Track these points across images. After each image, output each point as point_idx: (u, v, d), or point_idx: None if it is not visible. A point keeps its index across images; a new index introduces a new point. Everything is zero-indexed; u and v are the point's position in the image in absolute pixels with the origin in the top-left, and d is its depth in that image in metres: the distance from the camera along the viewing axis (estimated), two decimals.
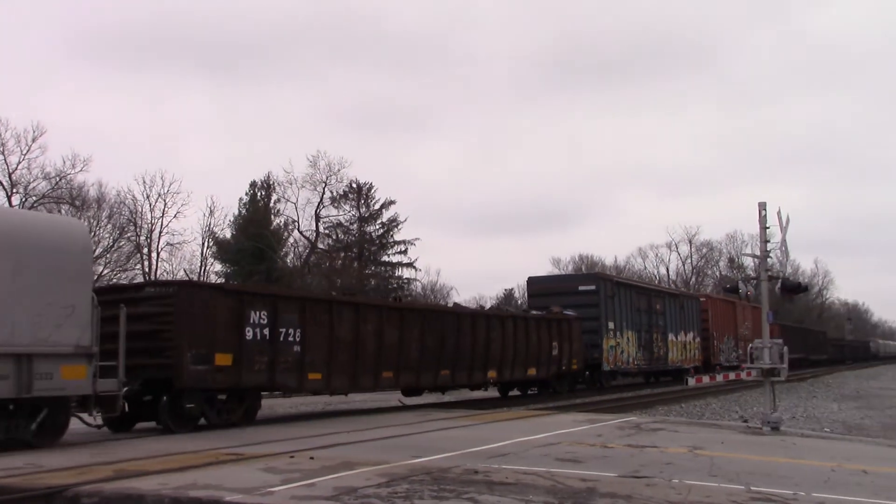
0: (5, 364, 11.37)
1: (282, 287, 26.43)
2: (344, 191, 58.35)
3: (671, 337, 37.02)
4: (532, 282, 35.63)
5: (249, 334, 15.98)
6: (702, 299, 42.61)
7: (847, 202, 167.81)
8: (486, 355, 23.66)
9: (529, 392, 28.67)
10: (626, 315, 33.21)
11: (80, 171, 47.06)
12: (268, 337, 16.36)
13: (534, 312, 28.45)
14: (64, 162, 46.42)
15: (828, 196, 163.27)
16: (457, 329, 22.48)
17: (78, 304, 12.24)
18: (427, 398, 22.28)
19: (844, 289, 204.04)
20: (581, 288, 31.80)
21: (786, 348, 16.77)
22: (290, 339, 16.99)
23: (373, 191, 59.99)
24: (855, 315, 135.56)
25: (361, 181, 59.33)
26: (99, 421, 13.27)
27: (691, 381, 22.46)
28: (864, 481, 9.71)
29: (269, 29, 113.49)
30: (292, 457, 10.74)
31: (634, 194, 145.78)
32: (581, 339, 29.31)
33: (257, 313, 16.24)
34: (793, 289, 18.50)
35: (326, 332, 17.90)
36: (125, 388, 13.30)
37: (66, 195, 46.72)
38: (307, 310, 17.57)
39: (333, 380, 18.27)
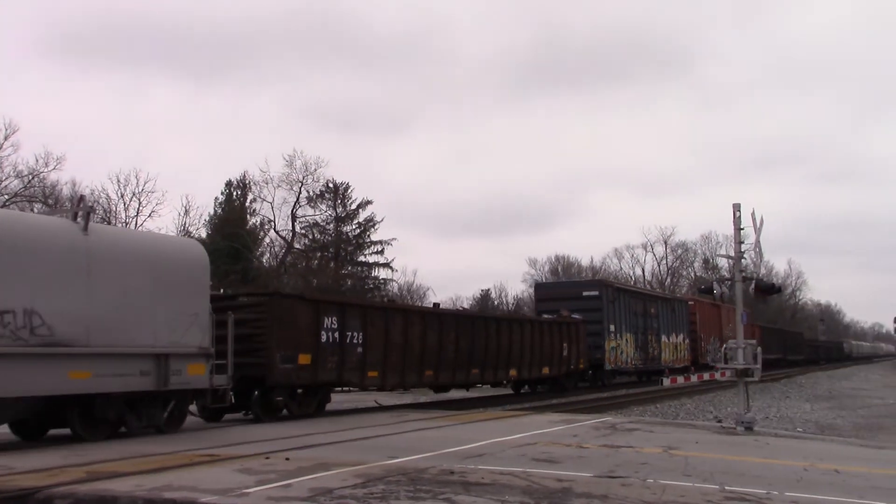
0: (149, 362, 13.63)
1: (348, 296, 30.18)
2: (320, 190, 58.20)
3: (664, 338, 39.28)
4: (539, 287, 40.16)
5: (324, 338, 18.42)
6: (690, 303, 44.30)
7: (820, 204, 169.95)
8: (509, 356, 26.17)
9: (539, 389, 30.69)
10: (625, 318, 35.31)
11: (54, 169, 46.65)
12: (337, 340, 18.85)
13: (545, 316, 30.55)
14: (37, 160, 46.00)
15: (801, 198, 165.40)
16: (485, 332, 25.07)
17: (200, 312, 14.59)
18: (404, 398, 22.49)
19: (817, 290, 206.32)
20: (585, 293, 34.20)
21: (759, 349, 16.92)
22: (355, 341, 19.47)
23: (349, 191, 59.87)
24: (827, 316, 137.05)
25: (338, 181, 59.21)
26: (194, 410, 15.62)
27: (666, 382, 22.58)
28: (837, 480, 9.82)
29: (244, 28, 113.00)
30: (268, 458, 10.68)
31: (609, 195, 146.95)
32: (586, 341, 31.51)
33: (330, 319, 18.69)
34: (767, 290, 18.67)
35: (382, 336, 20.37)
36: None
37: (39, 194, 46.26)
38: (367, 316, 20.13)
39: (387, 377, 20.76)
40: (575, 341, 30.67)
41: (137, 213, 49.96)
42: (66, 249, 12.52)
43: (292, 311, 17.83)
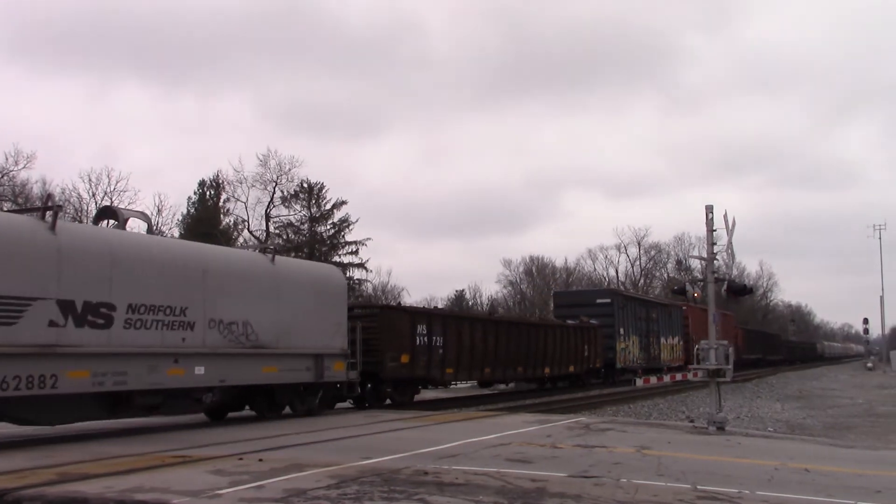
0: (311, 361, 18.14)
1: (433, 307, 35.72)
2: (295, 190, 57.94)
3: (663, 340, 43.24)
4: (557, 295, 46.01)
5: (417, 341, 23.01)
6: (683, 308, 47.40)
7: (788, 206, 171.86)
8: (544, 355, 30.64)
9: (560, 385, 33.94)
10: (632, 323, 39.32)
11: (24, 167, 46.09)
12: (426, 343, 23.42)
13: (570, 322, 34.31)
14: (6, 158, 45.42)
15: (769, 200, 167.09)
16: (526, 336, 29.46)
17: (341, 322, 19.19)
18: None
19: (788, 291, 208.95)
20: (598, 301, 38.34)
21: (731, 349, 17.08)
22: (438, 344, 23.96)
23: (324, 191, 59.63)
24: (798, 317, 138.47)
25: (312, 181, 58.98)
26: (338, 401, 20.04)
27: (639, 382, 22.72)
28: (807, 479, 9.91)
29: (214, 29, 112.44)
30: (241, 458, 10.62)
31: (582, 196, 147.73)
32: (601, 343, 35.70)
33: (421, 326, 23.30)
34: (739, 290, 18.84)
35: (456, 339, 24.96)
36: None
37: (9, 192, 45.68)
38: (446, 323, 24.80)
39: (460, 373, 25.56)
40: (593, 343, 34.89)
41: None
42: (265, 278, 17.12)
43: (396, 320, 22.58)
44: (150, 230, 16.68)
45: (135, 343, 13.92)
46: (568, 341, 32.63)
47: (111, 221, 15.42)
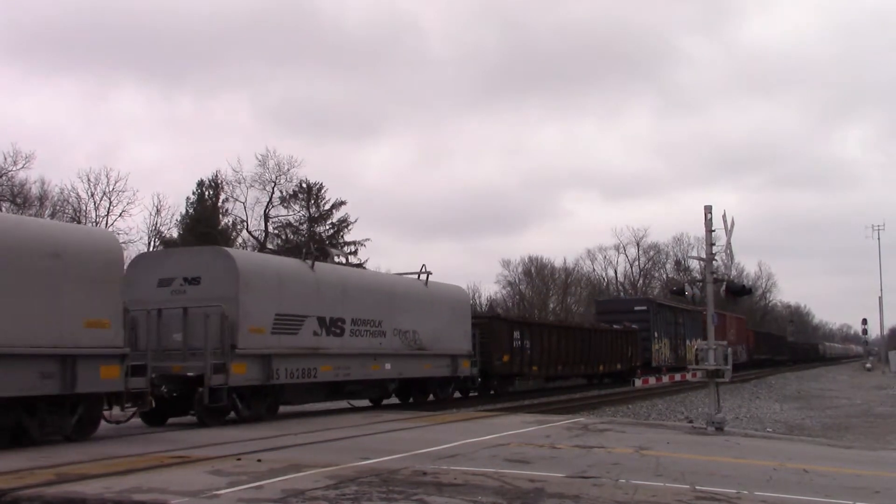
0: (449, 359, 23.56)
1: (524, 316, 45.58)
2: (294, 191, 57.99)
3: (688, 342, 47.02)
4: (599, 303, 52.89)
5: (514, 344, 29.34)
6: (704, 313, 48.24)
7: (786, 207, 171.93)
8: (599, 355, 36.56)
9: (605, 381, 38.66)
10: (664, 327, 44.55)
11: (22, 167, 46.06)
12: (519, 345, 29.66)
13: (616, 327, 39.72)
14: (5, 158, 45.39)
15: (767, 201, 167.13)
16: (587, 339, 35.95)
17: (468, 330, 24.80)
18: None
19: (787, 291, 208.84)
20: (636, 308, 43.87)
21: (730, 350, 17.10)
22: (527, 346, 30.24)
23: (323, 191, 59.65)
24: (797, 317, 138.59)
25: (311, 181, 58.99)
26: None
27: (638, 382, 22.72)
28: (805, 480, 9.92)
29: (211, 29, 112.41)
30: (239, 459, 10.62)
31: (580, 197, 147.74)
32: (640, 345, 40.96)
33: (516, 332, 29.75)
34: (737, 291, 18.83)
35: (539, 342, 31.21)
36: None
37: (7, 192, 45.67)
38: (532, 329, 31.46)
39: (541, 370, 31.78)
40: (634, 345, 40.31)
41: (108, 212, 49.47)
42: (424, 297, 22.77)
43: (500, 328, 28.89)
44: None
45: (355, 347, 19.65)
46: (615, 343, 38.44)
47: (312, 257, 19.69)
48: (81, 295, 12.79)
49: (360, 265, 59.71)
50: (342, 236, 60.18)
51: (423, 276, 23.25)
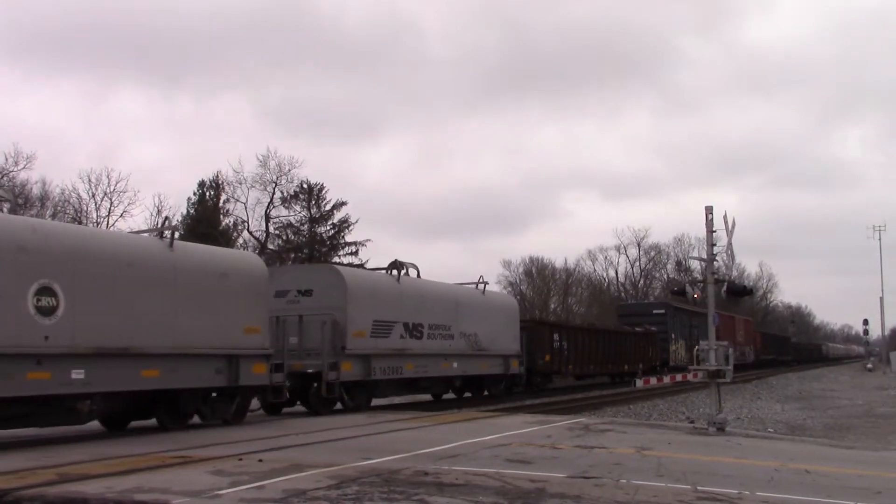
0: (502, 359, 26.88)
1: (561, 320, 49.62)
2: (294, 191, 57.89)
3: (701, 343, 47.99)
4: (620, 307, 58.21)
5: (554, 345, 33.14)
6: (716, 314, 52.72)
7: (786, 207, 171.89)
8: (624, 355, 40.25)
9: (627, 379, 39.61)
10: (680, 329, 47.52)
11: (24, 168, 46.08)
12: (557, 346, 33.43)
13: (638, 329, 43.32)
14: (6, 159, 45.40)
15: (767, 201, 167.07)
16: (614, 341, 39.77)
17: (517, 333, 28.08)
18: (379, 401, 23.06)
19: (788, 292, 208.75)
20: (655, 311, 47.41)
21: (731, 350, 17.09)
22: (564, 347, 34.06)
23: (324, 192, 59.57)
24: (798, 317, 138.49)
25: (312, 182, 58.94)
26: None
27: (639, 383, 22.72)
28: (807, 480, 9.92)
29: (211, 29, 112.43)
30: (241, 459, 10.62)
31: (581, 197, 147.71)
32: (658, 346, 44.25)
33: (555, 335, 33.58)
34: (738, 291, 18.82)
35: (574, 343, 35.23)
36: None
37: (8, 193, 45.63)
38: (568, 331, 35.54)
39: (576, 369, 35.56)
40: (653, 346, 43.88)
41: (109, 212, 49.48)
42: (483, 304, 26.21)
43: (542, 331, 32.85)
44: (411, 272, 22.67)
45: (430, 348, 22.89)
46: (637, 345, 42.09)
47: (397, 271, 22.22)
48: (242, 307, 15.96)
49: (360, 265, 59.77)
50: (343, 237, 60.14)
51: (481, 286, 26.66)
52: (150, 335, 14.01)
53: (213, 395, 15.81)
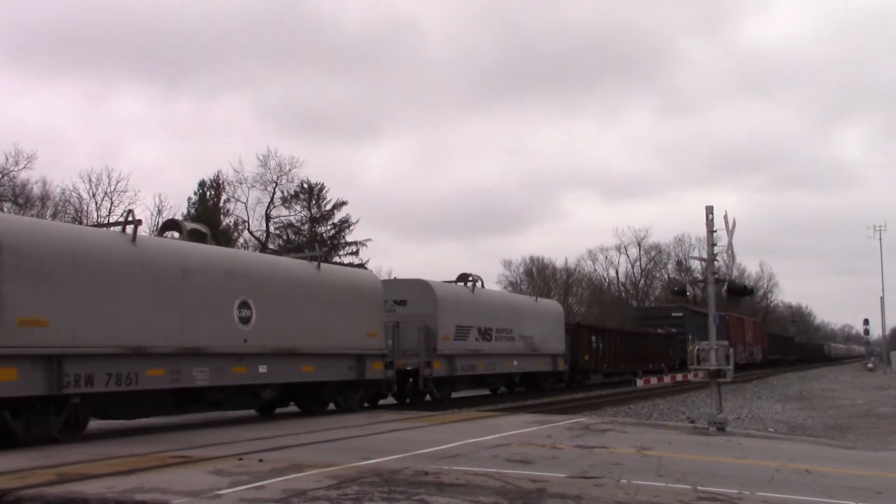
0: (550, 358, 30.85)
1: (596, 322, 50.59)
2: (295, 191, 57.96)
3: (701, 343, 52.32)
4: (642, 309, 64.85)
5: (592, 346, 36.83)
6: (726, 316, 57.39)
7: (785, 207, 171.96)
8: (647, 355, 44.02)
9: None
10: (696, 330, 48.96)
11: (24, 168, 46.07)
12: (595, 347, 37.19)
13: (659, 331, 47.71)
14: (7, 158, 45.40)
15: (766, 202, 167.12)
16: (641, 342, 43.98)
17: (562, 335, 32.09)
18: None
19: (788, 291, 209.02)
20: (673, 314, 51.11)
21: (732, 350, 17.08)
22: (600, 347, 37.89)
23: (324, 191, 59.60)
24: (798, 317, 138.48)
25: (313, 181, 58.94)
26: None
27: (639, 383, 22.71)
28: (807, 480, 9.91)
29: (210, 31, 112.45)
30: (241, 459, 10.62)
31: (580, 197, 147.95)
32: (677, 346, 47.25)
33: (593, 337, 37.46)
34: (739, 291, 18.80)
35: (607, 344, 39.03)
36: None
37: (9, 192, 45.70)
38: (603, 334, 39.12)
39: (609, 367, 38.98)
40: (673, 346, 47.71)
41: (109, 212, 49.41)
42: (536, 311, 30.61)
43: (582, 333, 36.55)
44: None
45: (498, 349, 26.86)
46: (660, 345, 46.19)
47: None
48: (366, 315, 19.26)
49: (361, 265, 59.79)
50: (343, 237, 60.18)
51: (534, 296, 31.83)
52: (308, 338, 17.35)
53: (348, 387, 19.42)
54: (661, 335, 47.03)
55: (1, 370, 11.58)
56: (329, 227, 60.17)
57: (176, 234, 17.03)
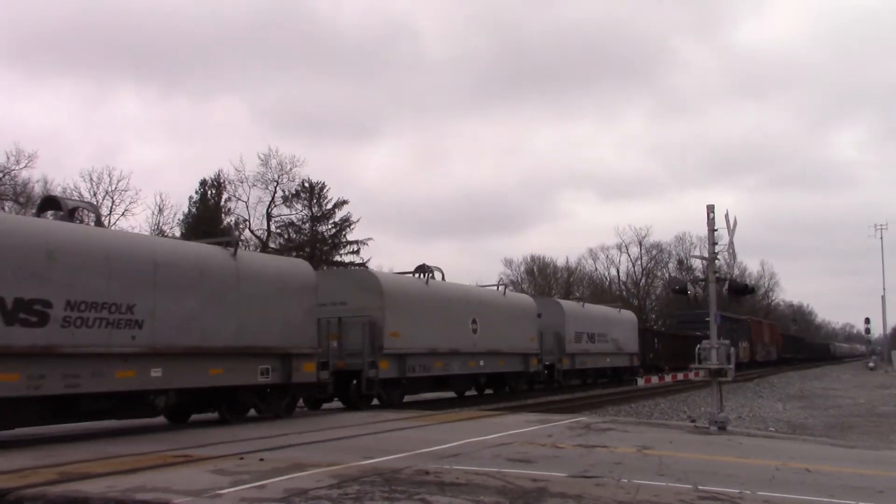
0: (629, 356, 39.87)
1: (650, 327, 61.36)
2: (296, 190, 57.96)
3: (740, 344, 60.81)
4: (679, 315, 69.17)
5: (655, 346, 45.65)
6: (748, 320, 68.72)
7: (791, 207, 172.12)
8: (691, 353, 42.85)
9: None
10: (728, 333, 56.47)
11: (25, 167, 46.11)
12: (657, 347, 46.32)
13: (697, 334, 50.84)
14: (8, 158, 45.44)
15: (761, 202, 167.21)
16: (685, 343, 47.04)
17: (636, 337, 42.03)
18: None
19: (789, 291, 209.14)
20: (706, 319, 51.25)
21: (732, 349, 17.07)
22: (658, 348, 46.36)
23: (325, 190, 59.59)
24: (799, 316, 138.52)
25: (314, 180, 58.94)
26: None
27: (640, 382, 22.69)
28: (808, 480, 9.91)
29: (209, 31, 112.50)
30: (242, 458, 10.62)
31: (579, 198, 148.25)
32: None
33: (655, 338, 48.20)
34: (740, 290, 18.81)
35: (665, 346, 47.95)
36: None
37: (10, 191, 45.73)
38: (660, 337, 47.96)
39: (665, 365, 43.45)
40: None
41: (111, 211, 49.54)
42: (619, 319, 39.47)
43: (648, 336, 44.78)
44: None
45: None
46: (692, 347, 50.37)
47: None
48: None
49: (362, 265, 59.77)
50: (344, 236, 60.16)
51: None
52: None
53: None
54: (699, 337, 50.11)
55: None
56: (330, 226, 60.17)
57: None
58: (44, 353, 12.23)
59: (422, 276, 24.02)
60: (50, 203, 16.02)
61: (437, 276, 24.70)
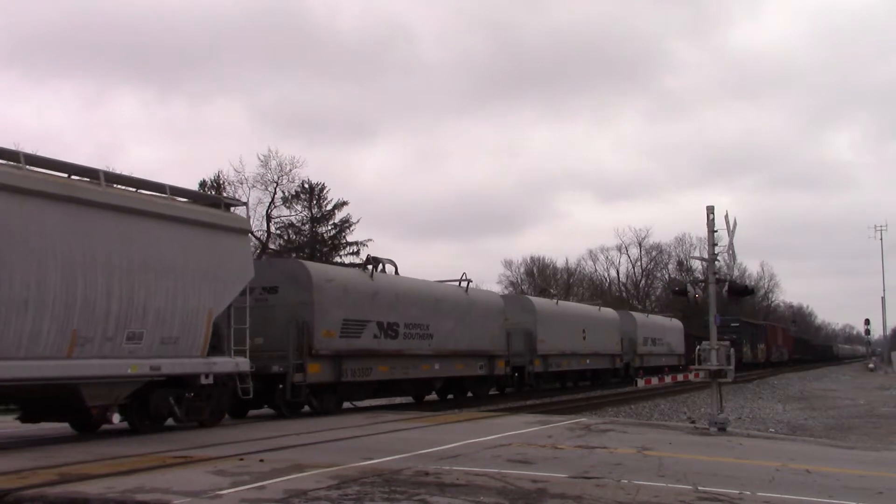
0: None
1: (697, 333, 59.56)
2: (296, 191, 57.81)
3: (759, 346, 68.38)
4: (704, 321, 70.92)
5: (694, 348, 41.09)
6: (765, 325, 76.45)
7: (791, 208, 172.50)
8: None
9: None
10: (749, 337, 63.61)
11: None
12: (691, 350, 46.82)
13: (725, 338, 56.82)
14: None
15: (770, 202, 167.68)
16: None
17: (682, 340, 49.64)
18: (379, 401, 23.33)
19: (789, 291, 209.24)
20: (732, 324, 58.86)
21: (732, 350, 17.08)
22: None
23: (325, 191, 59.52)
24: (799, 317, 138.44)
25: (313, 181, 58.88)
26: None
27: (640, 383, 22.71)
28: (808, 481, 9.91)
29: (206, 33, 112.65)
30: (241, 459, 10.61)
31: (576, 199, 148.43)
32: (737, 349, 57.65)
33: (696, 342, 45.00)
34: (740, 291, 18.80)
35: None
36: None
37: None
38: (700, 341, 45.01)
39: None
40: (738, 349, 57.54)
41: None
42: (669, 326, 48.40)
43: (689, 339, 44.62)
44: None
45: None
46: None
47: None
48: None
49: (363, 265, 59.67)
50: (344, 237, 60.08)
51: (671, 316, 40.48)
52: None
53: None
54: (729, 341, 57.15)
55: None
56: (330, 227, 60.05)
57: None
58: (396, 354, 21.38)
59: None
60: (370, 260, 22.58)
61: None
